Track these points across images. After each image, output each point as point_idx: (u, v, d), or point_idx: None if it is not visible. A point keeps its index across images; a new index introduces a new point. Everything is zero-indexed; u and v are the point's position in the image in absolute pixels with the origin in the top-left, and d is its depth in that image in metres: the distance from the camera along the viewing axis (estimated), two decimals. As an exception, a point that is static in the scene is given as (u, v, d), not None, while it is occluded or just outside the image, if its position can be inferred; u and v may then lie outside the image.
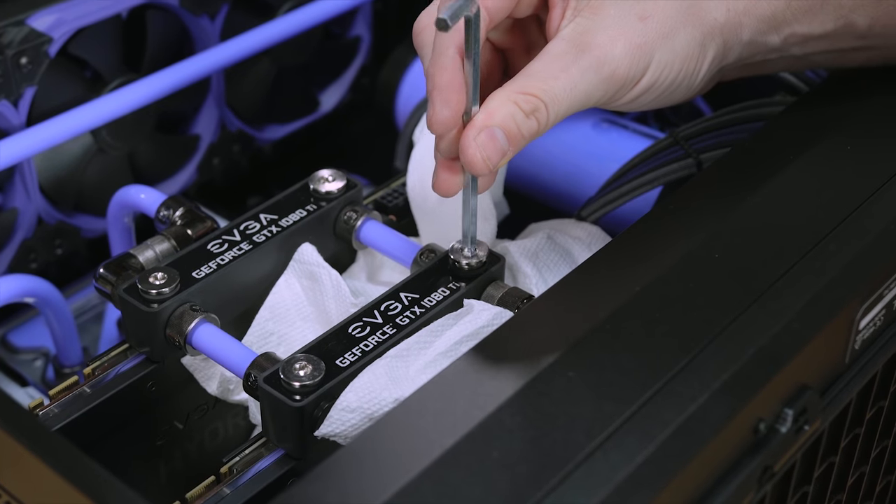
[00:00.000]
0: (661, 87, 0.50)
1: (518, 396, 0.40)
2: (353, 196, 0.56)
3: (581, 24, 0.48)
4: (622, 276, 0.46)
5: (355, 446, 0.40)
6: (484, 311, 0.49)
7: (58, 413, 0.50)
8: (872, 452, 0.53)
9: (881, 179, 0.50)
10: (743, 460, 0.41)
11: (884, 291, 0.46)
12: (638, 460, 0.37)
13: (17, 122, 0.65)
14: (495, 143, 0.46)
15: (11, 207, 0.68)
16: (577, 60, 0.47)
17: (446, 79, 0.46)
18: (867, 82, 0.56)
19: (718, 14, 0.50)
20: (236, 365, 0.50)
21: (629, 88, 0.49)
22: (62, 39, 0.66)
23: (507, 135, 0.46)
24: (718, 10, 0.50)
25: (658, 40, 0.48)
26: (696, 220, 0.49)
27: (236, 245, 0.53)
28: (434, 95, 0.46)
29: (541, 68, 0.47)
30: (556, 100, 0.47)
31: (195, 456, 0.56)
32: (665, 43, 0.49)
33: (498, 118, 0.46)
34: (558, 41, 0.48)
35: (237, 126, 0.80)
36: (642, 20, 0.48)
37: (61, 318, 0.64)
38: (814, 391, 0.43)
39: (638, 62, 0.48)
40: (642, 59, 0.48)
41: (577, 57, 0.47)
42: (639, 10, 0.48)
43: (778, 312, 0.43)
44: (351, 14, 0.85)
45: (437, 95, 0.46)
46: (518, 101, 0.46)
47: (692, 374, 0.41)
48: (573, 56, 0.47)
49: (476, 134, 0.46)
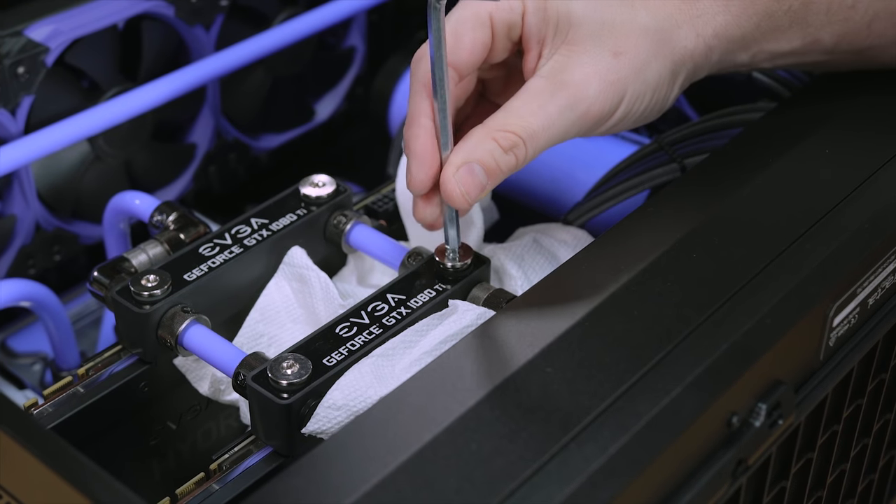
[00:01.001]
0: (634, 116, 0.52)
1: (496, 391, 0.41)
2: (342, 201, 0.58)
3: (558, 62, 0.50)
4: (601, 274, 0.47)
5: (336, 440, 0.41)
6: (468, 311, 0.50)
7: (52, 412, 0.51)
8: (853, 451, 0.54)
9: (857, 181, 0.51)
10: (717, 453, 0.42)
11: (857, 290, 0.47)
12: (611, 451, 0.38)
13: (14, 130, 0.66)
14: (474, 179, 0.49)
15: (10, 214, 0.69)
16: (554, 98, 0.49)
17: (421, 146, 0.49)
18: (846, 88, 0.57)
19: (688, 42, 0.51)
20: (226, 365, 0.51)
21: (604, 122, 0.51)
22: (59, 49, 0.67)
23: (485, 170, 0.49)
24: (688, 38, 0.51)
25: (631, 75, 0.50)
26: (674, 221, 0.50)
27: (227, 248, 0.55)
28: (411, 161, 0.49)
29: (520, 105, 0.49)
30: (535, 136, 0.49)
31: (188, 456, 0.57)
32: (638, 77, 0.50)
33: (477, 154, 0.48)
34: (536, 79, 0.50)
35: (233, 135, 0.81)
36: (616, 56, 0.50)
37: (58, 322, 0.65)
38: (788, 387, 0.44)
39: (612, 98, 0.50)
40: (616, 95, 0.50)
41: (553, 95, 0.49)
42: (612, 46, 0.50)
43: (752, 309, 0.44)
44: (345, 25, 0.86)
45: (414, 161, 0.49)
46: (497, 137, 0.48)
47: (667, 369, 0.42)
48: (550, 93, 0.49)
49: (455, 170, 0.49)
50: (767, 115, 0.57)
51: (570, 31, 0.50)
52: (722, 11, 0.51)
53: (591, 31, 0.50)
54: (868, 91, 0.57)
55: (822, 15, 0.53)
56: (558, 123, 0.49)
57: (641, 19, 0.50)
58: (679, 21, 0.51)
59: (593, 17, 0.50)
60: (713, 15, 0.51)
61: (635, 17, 0.50)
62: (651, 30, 0.50)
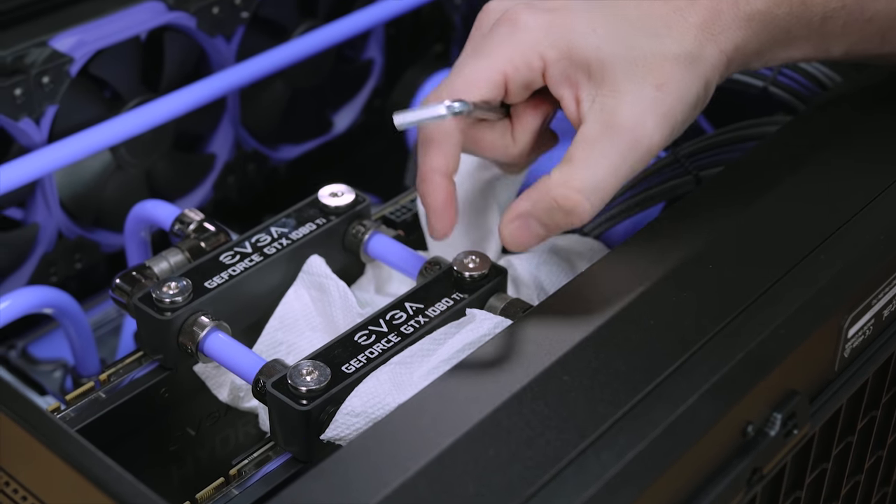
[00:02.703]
0: (677, 135, 0.52)
1: (514, 398, 0.42)
2: (361, 210, 0.58)
3: (606, 104, 0.49)
4: (618, 284, 0.47)
5: (355, 445, 0.41)
6: (486, 320, 0.51)
7: (74, 417, 0.51)
8: (867, 462, 0.54)
9: (872, 193, 0.51)
10: (732, 461, 0.42)
11: (872, 301, 0.48)
12: (628, 458, 0.39)
13: (38, 139, 0.67)
14: (529, 232, 0.50)
15: (33, 222, 0.70)
16: (614, 143, 0.49)
17: (435, 201, 0.51)
18: (862, 102, 0.58)
19: (714, 58, 0.51)
20: (246, 371, 0.51)
21: (658, 152, 0.51)
22: (83, 60, 0.68)
23: (542, 225, 0.50)
24: (713, 55, 0.51)
25: (677, 104, 0.50)
26: (690, 232, 0.50)
27: (248, 257, 0.55)
28: (430, 215, 0.51)
29: (582, 157, 0.49)
30: (599, 188, 0.49)
31: (206, 462, 0.58)
32: (682, 103, 0.50)
33: (535, 211, 0.50)
34: (590, 125, 0.50)
35: (252, 145, 0.82)
36: (659, 89, 0.50)
37: (80, 328, 0.66)
38: (802, 397, 0.44)
39: (666, 130, 0.50)
40: (669, 125, 0.50)
41: (612, 139, 0.49)
42: (653, 80, 0.50)
43: (767, 319, 0.45)
44: (364, 37, 0.87)
45: (432, 215, 0.51)
46: (557, 197, 0.49)
47: (683, 377, 0.42)
48: (609, 139, 0.49)
49: (511, 220, 0.50)
50: (783, 128, 0.58)
51: (604, 73, 0.50)
52: (743, 27, 0.51)
53: (626, 70, 0.50)
54: (884, 104, 0.57)
55: (839, 28, 0.53)
56: (622, 168, 0.49)
57: (669, 47, 0.50)
58: (703, 41, 0.51)
59: (624, 56, 0.50)
60: (734, 31, 0.51)
61: (663, 46, 0.50)
62: (681, 56, 0.50)
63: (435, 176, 0.51)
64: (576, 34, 0.50)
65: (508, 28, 0.51)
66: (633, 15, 0.51)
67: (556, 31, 0.50)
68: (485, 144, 0.53)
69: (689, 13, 0.51)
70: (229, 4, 0.74)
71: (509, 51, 0.50)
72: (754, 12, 0.51)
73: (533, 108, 0.53)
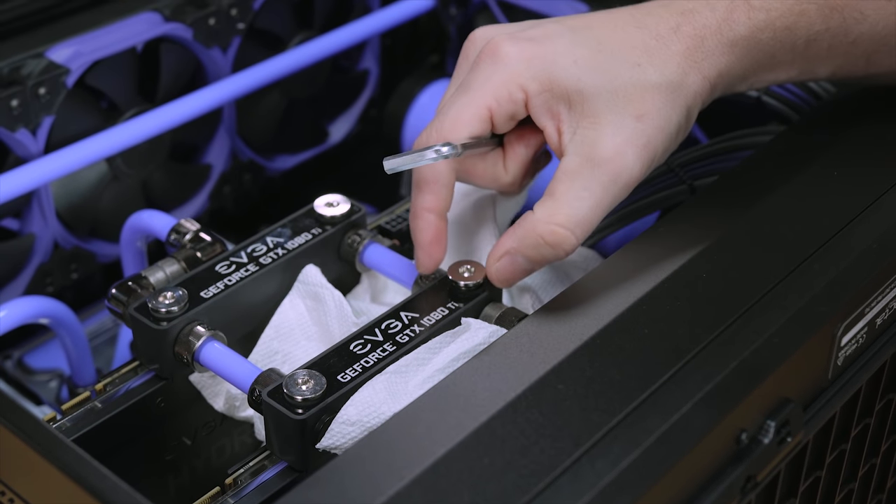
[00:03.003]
0: (660, 162, 0.52)
1: (509, 407, 0.42)
2: (356, 220, 0.58)
3: (586, 137, 0.50)
4: (612, 293, 0.48)
5: (350, 454, 0.41)
6: (480, 329, 0.51)
7: (70, 427, 0.52)
8: (861, 470, 0.55)
9: (865, 203, 0.52)
10: (726, 469, 0.42)
11: (865, 310, 0.48)
12: (622, 466, 0.39)
13: (35, 149, 0.67)
14: (515, 267, 0.51)
15: (29, 232, 0.70)
16: (595, 176, 0.50)
17: (425, 238, 0.52)
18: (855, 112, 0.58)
19: (696, 86, 0.52)
20: (242, 381, 0.51)
21: (640, 181, 0.51)
22: (79, 71, 0.68)
23: (529, 260, 0.51)
24: (696, 82, 0.51)
25: (657, 133, 0.50)
26: (684, 241, 0.50)
27: (243, 266, 0.55)
28: (418, 251, 0.53)
29: (564, 191, 0.50)
30: (583, 222, 0.50)
31: (202, 471, 0.58)
32: (662, 133, 0.51)
33: (522, 248, 0.50)
34: (571, 157, 0.50)
35: (248, 156, 0.82)
36: (639, 119, 0.50)
37: (76, 339, 0.66)
38: (796, 404, 0.44)
39: (646, 161, 0.50)
40: (649, 156, 0.50)
41: (593, 172, 0.50)
42: (633, 111, 0.50)
43: (761, 328, 0.45)
44: (360, 48, 0.88)
45: (422, 252, 0.53)
46: (543, 233, 0.50)
47: (676, 386, 0.42)
48: (590, 172, 0.50)
49: (497, 258, 0.51)
50: (777, 137, 0.58)
51: (584, 104, 0.50)
52: (726, 53, 0.52)
53: (606, 101, 0.50)
54: (876, 115, 0.58)
55: (823, 51, 0.54)
56: (605, 200, 0.50)
57: (651, 77, 0.50)
58: (686, 69, 0.51)
59: (604, 87, 0.50)
60: (717, 56, 0.52)
61: (644, 76, 0.50)
62: (662, 85, 0.50)
63: (426, 214, 0.52)
64: (556, 66, 0.51)
65: (490, 62, 0.51)
66: (614, 44, 0.51)
67: (538, 63, 0.51)
68: (477, 174, 0.55)
69: (671, 41, 0.51)
70: (225, 16, 0.75)
71: (492, 86, 0.51)
72: (738, 38, 0.51)
73: (523, 138, 0.54)
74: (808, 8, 0.52)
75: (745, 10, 0.51)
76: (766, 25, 0.52)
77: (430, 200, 0.52)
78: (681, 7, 0.52)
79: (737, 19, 0.51)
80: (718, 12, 0.51)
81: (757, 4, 0.52)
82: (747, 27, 0.51)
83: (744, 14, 0.51)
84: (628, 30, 0.52)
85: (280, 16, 0.79)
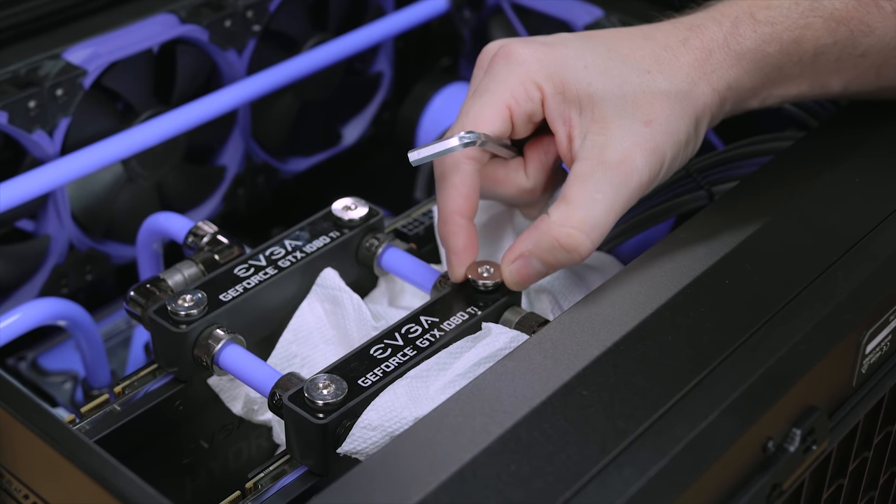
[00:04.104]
0: (672, 170, 0.53)
1: (534, 414, 0.42)
2: (374, 224, 0.58)
3: (596, 142, 0.51)
4: (635, 299, 0.47)
5: (374, 460, 0.41)
6: (501, 334, 0.51)
7: (89, 430, 0.51)
8: (881, 478, 0.54)
9: (887, 209, 0.51)
10: (752, 477, 0.42)
11: (889, 317, 0.48)
12: (650, 474, 0.39)
13: (51, 151, 0.67)
14: (530, 270, 0.51)
15: (44, 234, 0.70)
16: (607, 178, 0.50)
17: (460, 244, 0.52)
18: (875, 118, 0.58)
19: (705, 97, 0.52)
20: (262, 384, 0.51)
21: (651, 186, 0.52)
22: (96, 72, 0.68)
23: (544, 263, 0.51)
24: (705, 93, 0.52)
25: (666, 139, 0.51)
26: (706, 247, 0.50)
27: (262, 270, 0.55)
28: (451, 257, 0.53)
29: (577, 194, 0.50)
30: (598, 224, 0.50)
31: (220, 475, 0.58)
32: (671, 139, 0.51)
33: (537, 251, 0.51)
34: (582, 162, 0.51)
35: (262, 158, 0.82)
36: (647, 125, 0.51)
37: (91, 340, 0.66)
38: (822, 412, 0.44)
39: (655, 165, 0.51)
40: (657, 161, 0.51)
41: (605, 175, 0.50)
42: (641, 116, 0.51)
43: (786, 335, 0.45)
44: (373, 51, 0.88)
45: (454, 258, 0.53)
46: (558, 236, 0.50)
47: (703, 393, 0.42)
48: (602, 175, 0.50)
49: (512, 260, 0.51)
50: (797, 143, 0.58)
51: (594, 110, 0.51)
52: (734, 66, 0.52)
53: (615, 107, 0.51)
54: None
55: (832, 63, 0.54)
56: (617, 202, 0.50)
57: (660, 84, 0.51)
58: (695, 79, 0.52)
59: (614, 93, 0.51)
60: (726, 69, 0.52)
61: (653, 83, 0.51)
62: (672, 93, 0.51)
63: (456, 217, 0.52)
64: (568, 69, 0.51)
65: (505, 63, 0.52)
66: (624, 52, 0.52)
67: (551, 64, 0.51)
68: (499, 179, 0.54)
69: (680, 53, 0.52)
70: (241, 18, 0.74)
71: (509, 85, 0.52)
72: (745, 51, 0.52)
73: (541, 145, 0.54)
74: (814, 21, 0.53)
75: (751, 24, 0.53)
76: (772, 38, 0.53)
77: (459, 203, 0.52)
78: (688, 23, 0.53)
79: (742, 33, 0.52)
80: (724, 27, 0.53)
81: (762, 18, 0.53)
82: (753, 40, 0.52)
83: (749, 28, 0.52)
84: (637, 41, 0.53)
85: (295, 18, 0.79)
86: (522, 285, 0.52)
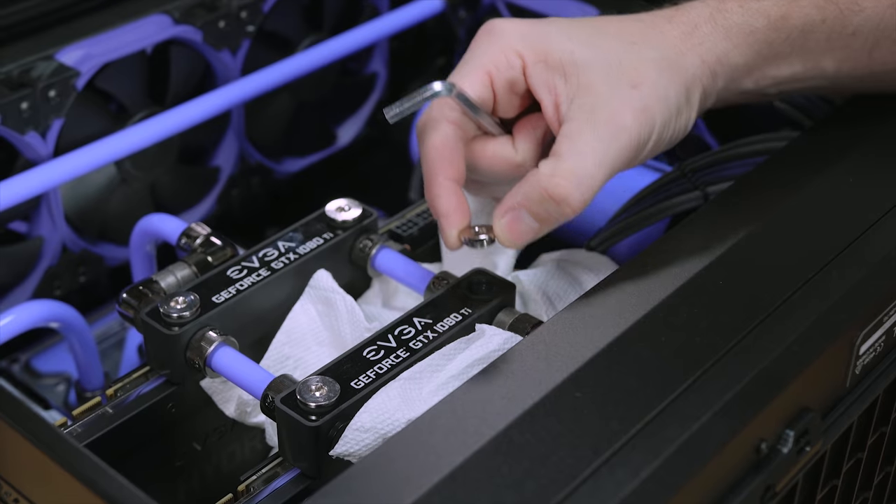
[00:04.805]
0: (663, 143, 0.53)
1: (527, 415, 0.42)
2: (368, 225, 0.58)
3: (584, 104, 0.50)
4: (628, 300, 0.47)
5: (367, 462, 0.41)
6: (495, 335, 0.51)
7: (81, 432, 0.51)
8: (875, 478, 0.54)
9: (882, 210, 0.51)
10: (745, 479, 0.42)
11: (883, 318, 0.48)
12: (643, 476, 0.39)
13: (44, 152, 0.67)
14: (521, 225, 0.50)
15: (37, 235, 0.70)
16: (598, 133, 0.50)
17: (446, 205, 0.51)
18: (870, 117, 0.58)
19: (695, 68, 0.52)
20: (254, 387, 0.51)
21: (641, 150, 0.51)
22: (89, 73, 0.68)
23: (536, 218, 0.50)
24: (694, 64, 0.52)
25: (655, 103, 0.51)
26: (701, 248, 0.50)
27: (255, 271, 0.55)
28: (442, 222, 0.51)
29: (567, 148, 0.50)
30: (589, 176, 0.49)
31: (212, 477, 0.57)
32: (661, 103, 0.51)
33: (527, 202, 0.50)
34: (571, 122, 0.50)
35: (256, 159, 0.82)
36: (635, 87, 0.50)
37: (84, 342, 0.65)
38: (815, 414, 0.44)
39: (646, 125, 0.51)
40: (648, 121, 0.51)
41: (595, 130, 0.50)
42: (628, 80, 0.51)
43: (779, 336, 0.44)
44: (368, 51, 0.87)
45: (444, 221, 0.51)
46: (548, 186, 0.49)
47: (695, 395, 0.42)
48: (592, 130, 0.50)
49: (502, 214, 0.50)
50: (792, 143, 0.58)
51: (580, 76, 0.51)
52: (722, 40, 0.53)
53: (601, 72, 0.51)
54: (891, 120, 0.57)
55: (823, 42, 0.54)
56: (607, 157, 0.49)
57: (646, 53, 0.51)
58: (682, 49, 0.52)
59: (599, 59, 0.51)
60: (714, 42, 0.53)
61: (639, 52, 0.51)
62: (658, 59, 0.51)
63: (439, 179, 0.51)
64: (551, 39, 0.51)
65: (487, 35, 0.53)
66: (610, 29, 0.53)
67: (533, 36, 0.52)
68: (487, 155, 0.53)
69: (666, 28, 0.53)
70: (235, 18, 0.74)
71: (490, 54, 0.52)
72: (732, 25, 0.53)
73: (531, 119, 0.54)
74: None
75: (737, 0, 0.53)
76: (758, 13, 0.53)
77: (440, 164, 0.51)
78: (675, 5, 0.54)
79: (729, 8, 0.53)
80: (710, 4, 0.53)
81: None
82: (740, 14, 0.53)
83: (735, 3, 0.53)
84: (625, 22, 0.53)
85: (290, 18, 0.79)
86: (515, 243, 0.51)
